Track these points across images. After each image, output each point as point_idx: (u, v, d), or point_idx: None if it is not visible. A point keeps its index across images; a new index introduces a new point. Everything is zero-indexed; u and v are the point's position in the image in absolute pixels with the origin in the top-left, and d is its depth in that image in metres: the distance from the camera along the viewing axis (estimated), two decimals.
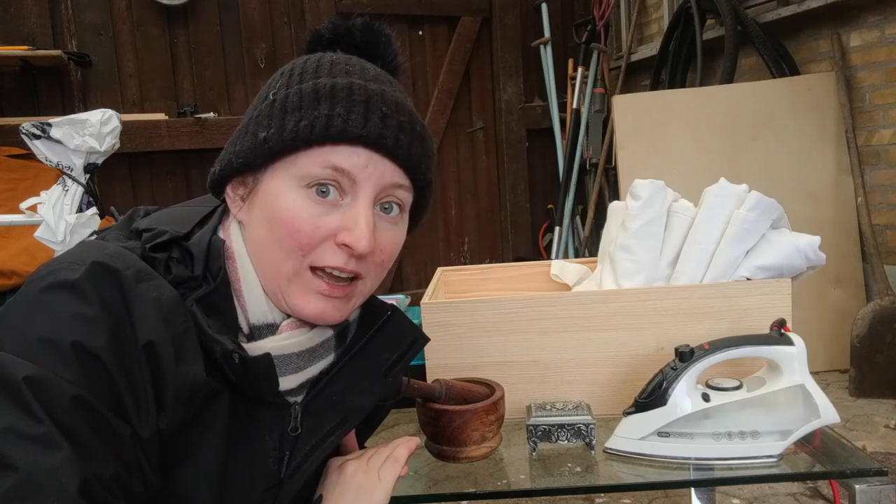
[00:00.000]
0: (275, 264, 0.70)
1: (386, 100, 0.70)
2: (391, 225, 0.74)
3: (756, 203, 1.18)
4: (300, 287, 0.70)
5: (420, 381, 1.00)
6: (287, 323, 0.73)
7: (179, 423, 0.62)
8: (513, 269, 1.59)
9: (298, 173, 0.69)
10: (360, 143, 0.68)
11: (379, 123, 0.69)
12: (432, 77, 4.54)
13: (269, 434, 0.71)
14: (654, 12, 4.42)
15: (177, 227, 0.72)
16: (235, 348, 0.66)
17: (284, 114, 0.69)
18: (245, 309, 0.71)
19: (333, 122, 0.67)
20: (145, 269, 0.65)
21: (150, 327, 0.61)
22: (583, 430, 1.05)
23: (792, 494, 2.10)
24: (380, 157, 0.70)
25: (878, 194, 3.02)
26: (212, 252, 0.71)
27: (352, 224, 0.69)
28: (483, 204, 4.78)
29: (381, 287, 4.96)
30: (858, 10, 2.99)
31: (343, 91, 0.69)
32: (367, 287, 0.75)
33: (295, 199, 0.69)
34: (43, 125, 2.41)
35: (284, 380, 0.70)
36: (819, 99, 3.12)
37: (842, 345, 2.90)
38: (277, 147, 0.69)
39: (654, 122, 3.38)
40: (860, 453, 1.00)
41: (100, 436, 0.56)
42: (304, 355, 0.72)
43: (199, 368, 0.64)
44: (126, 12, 3.86)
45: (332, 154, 0.68)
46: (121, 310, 0.60)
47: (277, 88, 0.72)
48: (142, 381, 0.60)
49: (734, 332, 1.10)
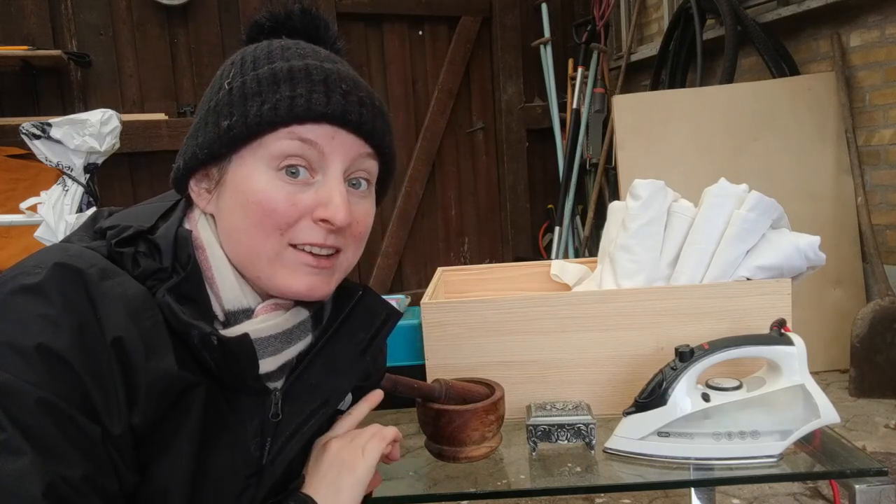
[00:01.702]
0: (254, 248, 0.70)
1: (343, 77, 0.72)
2: (361, 199, 0.75)
3: (756, 203, 1.18)
4: (284, 265, 0.71)
5: (420, 381, 1.00)
6: (262, 306, 0.73)
7: (153, 418, 0.62)
8: (513, 269, 1.59)
9: (267, 154, 0.69)
10: (326, 120, 0.69)
11: (341, 100, 0.70)
12: (432, 77, 4.54)
13: (250, 421, 0.71)
14: (654, 12, 4.42)
15: (141, 222, 0.72)
16: (213, 330, 0.66)
17: (245, 100, 0.69)
18: (219, 296, 0.71)
19: (297, 101, 0.68)
20: (109, 267, 0.65)
21: (117, 324, 0.61)
22: (583, 430, 1.05)
23: (792, 494, 2.10)
24: (346, 133, 0.71)
25: (878, 194, 3.02)
26: (179, 243, 0.71)
27: (326, 199, 0.70)
28: (483, 204, 4.77)
29: (381, 287, 4.92)
30: (858, 10, 2.99)
31: (301, 72, 0.70)
32: (348, 260, 0.76)
33: (267, 181, 0.69)
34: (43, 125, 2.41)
35: (264, 363, 0.70)
36: (819, 99, 3.12)
37: (842, 345, 2.90)
38: (243, 133, 0.69)
39: (654, 122, 3.38)
40: (860, 453, 1.00)
41: (68, 437, 0.56)
42: (282, 337, 0.72)
43: (171, 361, 0.64)
44: (126, 12, 3.86)
45: (300, 130, 0.69)
46: (86, 308, 0.60)
47: (231, 77, 0.72)
48: (111, 378, 0.59)
49: (734, 332, 1.10)
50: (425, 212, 4.58)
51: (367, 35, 4.37)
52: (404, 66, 4.47)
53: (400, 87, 4.47)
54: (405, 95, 4.49)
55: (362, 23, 4.34)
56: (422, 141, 4.50)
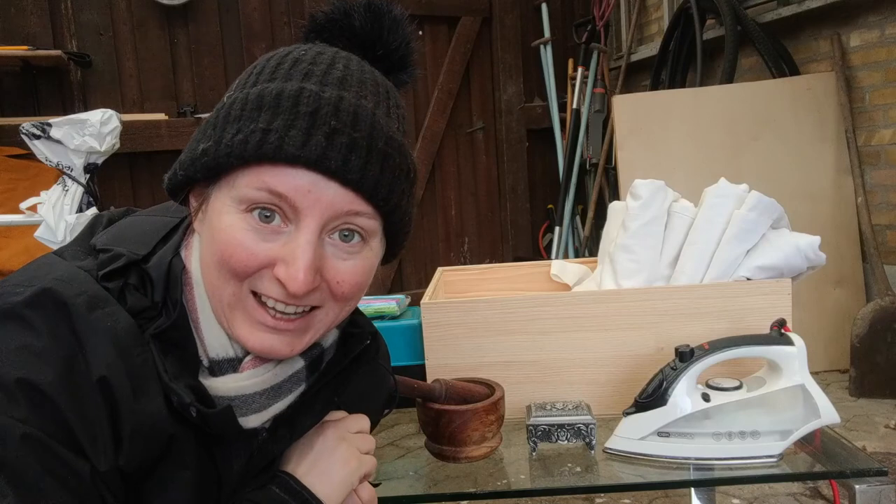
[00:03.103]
0: (216, 288, 0.63)
1: (340, 111, 0.60)
2: (350, 254, 0.64)
3: (756, 203, 1.18)
4: (243, 315, 0.63)
5: (420, 381, 1.00)
6: (250, 360, 0.66)
7: (140, 458, 0.59)
8: (513, 269, 1.59)
9: (237, 195, 0.61)
10: (300, 164, 0.59)
11: (323, 141, 0.59)
12: (432, 77, 4.54)
13: (236, 460, 0.68)
14: (654, 12, 4.42)
15: (136, 246, 0.66)
16: (192, 401, 0.61)
17: (226, 123, 0.61)
18: (203, 342, 0.65)
19: (269, 138, 0.58)
20: (98, 295, 0.60)
21: (104, 362, 0.57)
22: (583, 430, 1.05)
23: (792, 494, 2.10)
24: (326, 181, 0.60)
25: (878, 194, 3.02)
26: (171, 277, 0.65)
27: (289, 258, 0.60)
28: (483, 204, 4.78)
29: (382, 287, 4.91)
30: (858, 10, 2.99)
31: (289, 100, 0.60)
32: (328, 318, 0.66)
33: (233, 222, 0.61)
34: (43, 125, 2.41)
35: (247, 420, 0.65)
36: (819, 99, 3.12)
37: (842, 345, 2.90)
38: (213, 162, 0.61)
39: (654, 122, 3.38)
40: (860, 453, 1.00)
41: (53, 475, 0.53)
42: (269, 393, 0.66)
43: (159, 403, 0.60)
44: (126, 12, 3.86)
45: (270, 175, 0.59)
46: (71, 342, 0.56)
47: (234, 89, 0.65)
48: (98, 417, 0.56)
49: (734, 332, 1.10)
50: (425, 212, 4.58)
51: None
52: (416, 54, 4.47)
53: None
54: (405, 95, 4.45)
55: None
56: (422, 141, 4.50)
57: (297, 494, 0.67)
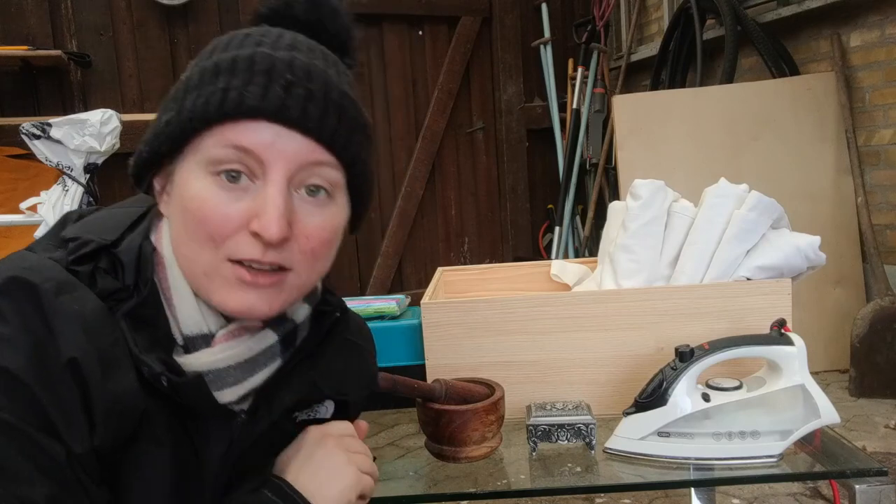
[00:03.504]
0: (191, 259, 0.65)
1: (294, 67, 0.63)
2: (318, 209, 0.66)
3: (756, 203, 1.18)
4: (220, 280, 0.64)
5: (420, 381, 1.00)
6: (223, 333, 0.67)
7: (115, 438, 0.59)
8: (513, 269, 1.59)
9: (203, 158, 0.63)
10: (262, 116, 0.62)
11: (281, 93, 0.62)
12: (432, 77, 4.54)
13: (217, 445, 0.68)
14: (654, 12, 4.42)
15: (105, 233, 0.67)
16: (163, 370, 0.62)
17: (186, 93, 0.64)
18: (177, 319, 0.66)
19: (229, 95, 0.61)
20: (67, 281, 0.61)
21: (73, 343, 0.57)
22: (583, 430, 1.05)
23: (792, 494, 2.10)
24: (288, 132, 0.63)
25: (878, 194, 3.02)
26: (142, 259, 0.66)
27: (261, 210, 0.62)
28: (483, 204, 4.78)
29: (381, 287, 4.90)
30: (858, 10, 2.99)
31: (244, 62, 0.63)
32: (300, 279, 0.68)
33: (202, 187, 0.63)
34: (43, 125, 2.41)
35: (223, 394, 0.66)
36: (819, 99, 3.12)
37: (842, 345, 2.90)
38: (177, 130, 0.63)
39: (654, 122, 3.38)
40: (860, 453, 1.00)
41: (29, 458, 0.53)
42: (244, 366, 0.67)
43: (131, 381, 0.60)
44: (126, 12, 3.86)
45: (233, 132, 0.62)
46: (40, 326, 0.57)
47: (190, 68, 0.67)
48: (70, 398, 0.56)
49: (734, 332, 1.10)
50: (425, 212, 4.58)
51: (366, 35, 4.37)
52: (404, 66, 4.47)
53: (400, 87, 4.47)
54: (405, 95, 4.49)
55: (362, 23, 4.24)
56: (422, 141, 4.50)
57: (289, 499, 0.67)
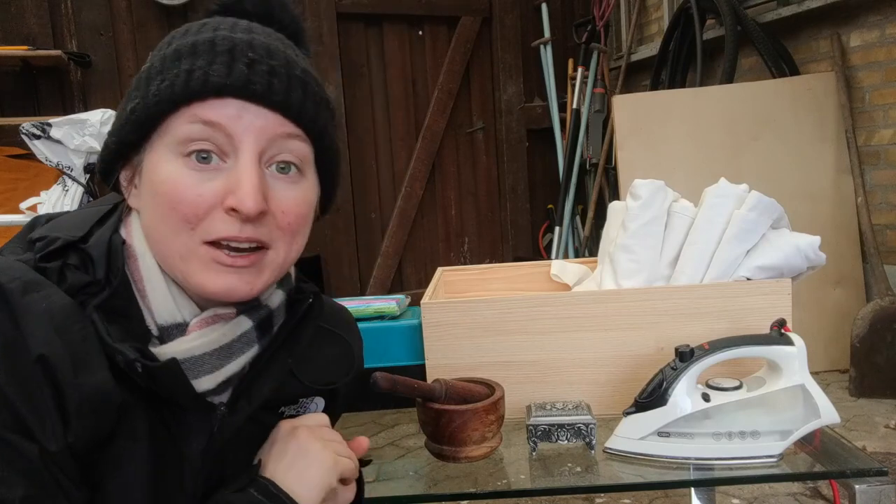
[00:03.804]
0: (166, 244, 0.65)
1: (254, 46, 0.65)
2: (290, 184, 0.68)
3: (756, 203, 1.18)
4: (198, 264, 0.65)
5: (420, 381, 1.00)
6: (197, 321, 0.67)
7: (91, 435, 0.59)
8: (513, 269, 1.59)
9: (172, 140, 0.64)
10: (228, 93, 0.63)
11: (245, 69, 0.63)
12: (432, 77, 4.54)
13: (197, 439, 0.68)
14: (654, 12, 4.43)
15: (72, 230, 0.67)
16: (137, 357, 0.61)
17: (149, 81, 0.65)
18: (151, 310, 0.66)
19: (194, 75, 0.63)
20: (33, 280, 0.61)
21: (41, 340, 0.57)
22: (583, 430, 1.05)
23: (792, 494, 2.10)
24: (255, 107, 0.64)
25: (878, 194, 3.02)
26: (112, 252, 0.66)
27: (235, 185, 0.63)
28: (483, 204, 4.78)
29: (381, 287, 4.90)
30: (858, 10, 2.99)
31: (205, 45, 0.64)
32: (279, 257, 0.68)
33: (173, 170, 0.64)
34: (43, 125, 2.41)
35: (200, 381, 0.65)
36: (819, 99, 3.12)
37: (842, 345, 2.90)
38: (144, 115, 0.64)
39: (654, 122, 3.38)
40: (860, 453, 1.00)
41: (2, 459, 0.53)
42: (220, 353, 0.67)
43: (104, 376, 0.60)
44: (126, 12, 3.86)
45: (200, 109, 0.63)
46: (7, 326, 0.57)
47: (148, 60, 0.68)
48: (41, 396, 0.56)
49: (734, 332, 1.10)
50: (425, 212, 4.58)
51: (366, 35, 4.37)
52: (404, 66, 4.47)
53: (400, 87, 4.47)
54: (405, 95, 4.49)
55: (362, 23, 4.34)
56: (422, 141, 4.50)
57: (275, 498, 0.67)
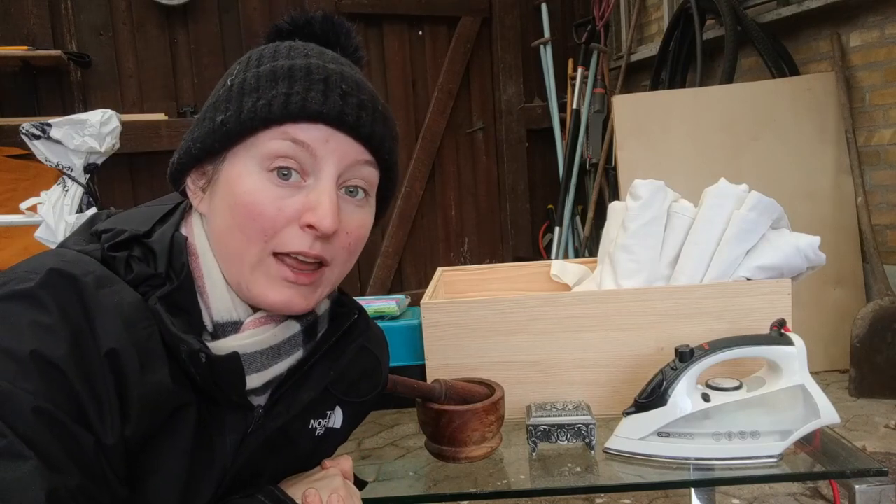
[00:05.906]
0: (238, 252, 0.68)
1: (346, 78, 0.70)
2: (357, 208, 0.72)
3: (756, 203, 1.18)
4: (264, 275, 0.69)
5: (420, 381, 1.00)
6: (251, 320, 0.71)
7: (145, 431, 0.61)
8: (513, 269, 1.59)
9: (259, 153, 0.67)
10: (321, 120, 0.67)
11: (339, 101, 0.68)
12: (432, 77, 4.54)
13: (231, 437, 0.70)
14: (654, 12, 4.42)
15: (137, 225, 0.70)
16: (202, 347, 0.64)
17: (242, 96, 0.68)
18: (209, 306, 0.69)
19: (292, 99, 0.67)
20: (105, 275, 0.63)
21: (112, 335, 0.59)
22: (583, 430, 1.05)
23: (792, 494, 2.10)
24: (342, 135, 0.68)
25: (878, 194, 3.02)
26: (174, 248, 0.69)
27: (315, 203, 0.67)
28: (483, 204, 4.77)
29: (381, 287, 4.90)
30: (858, 10, 2.99)
31: (301, 71, 0.68)
32: (334, 274, 0.73)
33: (256, 182, 0.67)
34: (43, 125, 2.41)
35: (249, 379, 0.69)
36: (819, 99, 3.12)
37: (842, 345, 2.90)
38: (236, 128, 0.67)
39: (654, 122, 3.38)
40: (860, 453, 1.00)
41: (63, 446, 0.55)
42: (269, 353, 0.70)
43: (165, 375, 0.63)
44: (126, 12, 3.86)
45: (293, 130, 0.67)
46: (80, 317, 0.59)
47: (235, 74, 0.71)
48: (105, 389, 0.58)
49: (734, 332, 1.10)
50: (425, 212, 4.58)
51: (366, 35, 4.37)
52: (404, 66, 4.47)
53: (400, 87, 4.46)
54: (405, 96, 4.49)
55: (362, 23, 4.33)
56: (422, 141, 4.50)
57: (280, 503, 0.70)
